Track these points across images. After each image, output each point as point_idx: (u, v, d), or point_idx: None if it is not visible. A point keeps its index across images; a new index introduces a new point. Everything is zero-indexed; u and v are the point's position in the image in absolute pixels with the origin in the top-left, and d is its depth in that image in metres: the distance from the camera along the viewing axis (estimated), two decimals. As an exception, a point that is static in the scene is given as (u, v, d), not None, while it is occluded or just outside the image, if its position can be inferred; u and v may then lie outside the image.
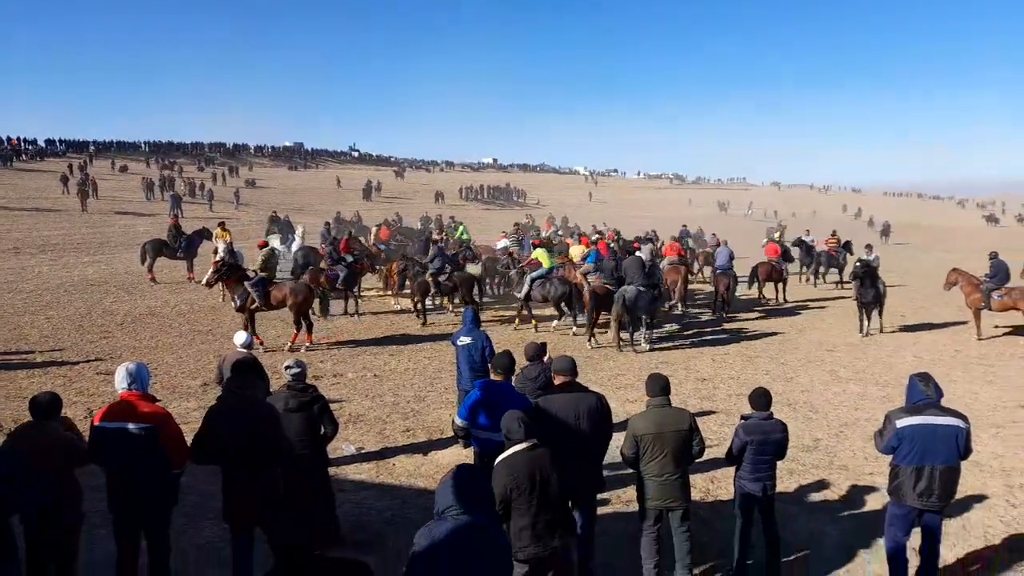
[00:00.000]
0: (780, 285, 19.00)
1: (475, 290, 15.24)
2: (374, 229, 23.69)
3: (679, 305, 16.91)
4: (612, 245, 17.92)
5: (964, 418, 4.84)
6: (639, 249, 14.33)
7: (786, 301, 18.77)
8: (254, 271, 13.04)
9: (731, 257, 17.21)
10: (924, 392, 4.82)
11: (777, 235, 23.14)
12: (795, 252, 21.61)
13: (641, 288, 12.75)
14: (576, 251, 17.08)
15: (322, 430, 5.57)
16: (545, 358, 6.37)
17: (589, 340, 13.45)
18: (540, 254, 15.26)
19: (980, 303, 13.90)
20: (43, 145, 51.05)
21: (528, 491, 4.03)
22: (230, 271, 12.65)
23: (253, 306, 12.49)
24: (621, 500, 6.72)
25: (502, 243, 20.51)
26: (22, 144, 49.06)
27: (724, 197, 68.73)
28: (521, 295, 14.90)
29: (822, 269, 22.46)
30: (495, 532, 3.19)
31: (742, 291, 18.98)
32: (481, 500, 3.19)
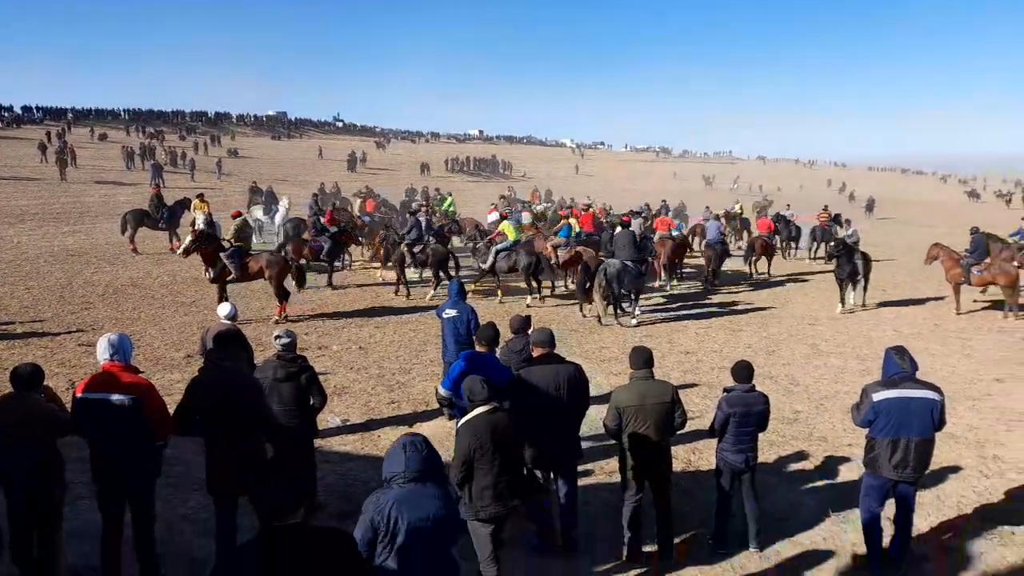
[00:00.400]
0: (769, 259, 19.30)
1: (450, 263, 15.17)
2: (357, 202, 23.52)
3: (669, 279, 17.03)
4: (603, 220, 17.98)
5: (939, 391, 4.93)
6: (629, 223, 14.38)
7: (770, 275, 18.96)
8: (228, 241, 12.94)
9: (720, 231, 17.60)
10: (900, 365, 4.89)
11: (738, 207, 23.23)
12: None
13: (628, 263, 12.77)
14: (575, 224, 16.97)
15: (311, 400, 5.59)
16: (529, 331, 6.39)
17: (580, 309, 13.56)
18: (505, 226, 15.33)
19: (960, 278, 14.09)
20: (20, 112, 49.95)
21: (491, 452, 4.16)
22: (207, 241, 12.54)
23: (229, 277, 12.43)
24: (604, 471, 6.81)
25: (492, 216, 20.41)
26: (-2, 111, 48.00)
27: (710, 171, 68.77)
28: (486, 266, 14.97)
29: (815, 244, 22.61)
30: (440, 498, 3.28)
31: (734, 265, 19.17)
32: (427, 468, 3.27)
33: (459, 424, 4.32)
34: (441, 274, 14.97)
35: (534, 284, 14.85)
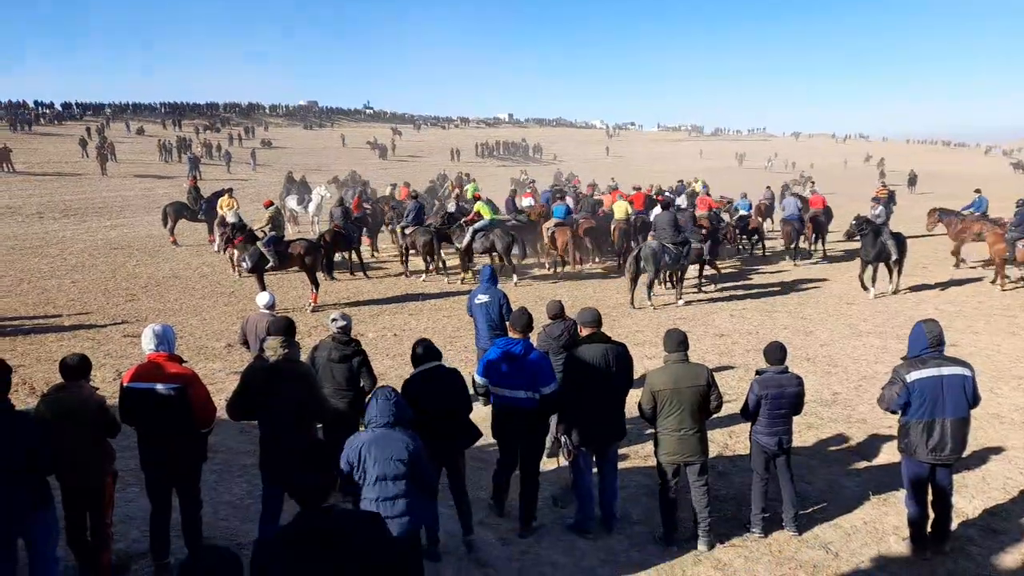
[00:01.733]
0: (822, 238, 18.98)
1: (434, 247, 15.24)
2: (389, 189, 23.58)
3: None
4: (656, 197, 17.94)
5: (969, 366, 4.82)
6: (664, 203, 14.47)
7: (826, 253, 18.63)
8: (262, 230, 13.14)
9: (798, 207, 17.81)
10: (928, 340, 4.77)
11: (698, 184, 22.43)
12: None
13: (667, 244, 12.69)
14: (620, 207, 16.67)
15: (361, 383, 5.72)
16: (565, 316, 6.41)
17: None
18: (480, 207, 15.45)
19: (1005, 253, 13.66)
20: (60, 109, 51.20)
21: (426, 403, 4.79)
22: (237, 231, 12.78)
23: (267, 266, 12.64)
24: (639, 455, 6.82)
25: (527, 200, 20.40)
26: (40, 108, 49.26)
27: (743, 149, 67.49)
28: (462, 246, 15.09)
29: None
30: (403, 441, 3.94)
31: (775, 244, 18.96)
32: (396, 416, 3.98)
33: (408, 378, 5.03)
34: (429, 258, 15.32)
35: (509, 264, 14.98)
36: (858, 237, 13.70)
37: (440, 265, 15.92)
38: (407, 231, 15.37)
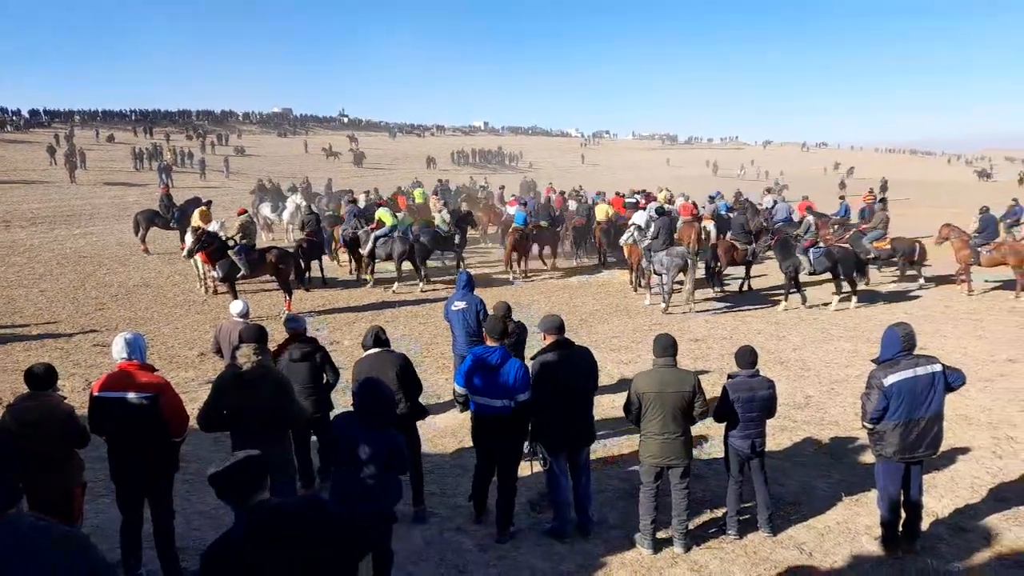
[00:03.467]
0: None
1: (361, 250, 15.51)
2: (363, 196, 23.38)
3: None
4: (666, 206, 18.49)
5: (936, 360, 4.93)
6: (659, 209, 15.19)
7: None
8: (233, 239, 12.99)
9: (790, 212, 18.54)
10: (902, 343, 4.85)
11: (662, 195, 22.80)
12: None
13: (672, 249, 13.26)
14: (601, 210, 18.55)
15: (324, 378, 6.03)
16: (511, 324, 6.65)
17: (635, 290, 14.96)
18: (382, 213, 15.56)
19: (970, 259, 13.99)
20: (27, 116, 50.23)
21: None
22: (208, 240, 12.62)
23: (239, 275, 12.52)
24: (617, 458, 6.86)
25: (512, 209, 20.40)
26: (6, 115, 48.28)
27: (715, 157, 68.31)
28: (366, 252, 15.36)
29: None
30: (381, 423, 4.20)
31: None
32: (376, 403, 4.19)
33: (357, 360, 5.57)
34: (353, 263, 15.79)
35: (416, 269, 15.21)
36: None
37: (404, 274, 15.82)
38: (379, 241, 15.21)
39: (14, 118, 48.60)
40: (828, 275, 13.49)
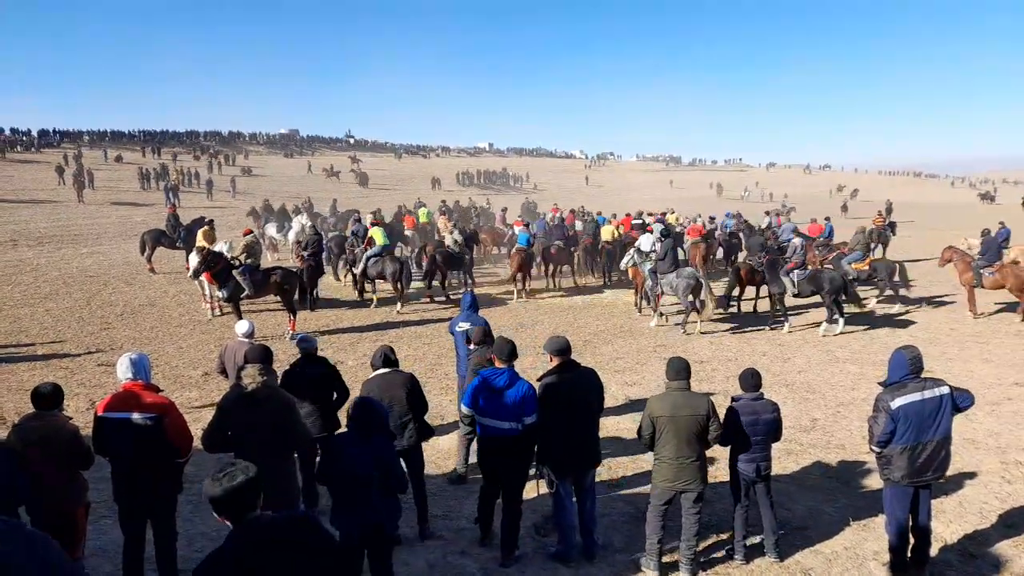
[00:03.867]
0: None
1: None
2: (369, 217, 23.50)
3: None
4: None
5: (944, 383, 4.90)
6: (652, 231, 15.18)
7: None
8: (238, 259, 13.04)
9: (794, 230, 18.09)
10: (909, 366, 4.83)
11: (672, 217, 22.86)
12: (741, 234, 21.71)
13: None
14: (607, 230, 19.26)
15: (334, 396, 6.16)
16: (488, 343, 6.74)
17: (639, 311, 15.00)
18: (375, 232, 15.73)
19: (973, 281, 13.98)
20: (37, 136, 50.74)
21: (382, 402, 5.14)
22: (215, 260, 12.69)
23: (243, 295, 12.56)
24: (624, 481, 6.81)
25: (518, 229, 20.53)
26: (16, 135, 48.80)
27: (719, 179, 68.55)
28: (358, 271, 15.65)
29: (872, 245, 22.92)
30: (379, 441, 4.30)
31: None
32: (372, 422, 4.28)
33: (365, 381, 5.66)
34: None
35: (399, 291, 15.23)
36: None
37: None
38: (371, 261, 15.38)
39: (24, 138, 49.10)
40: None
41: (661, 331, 13.33)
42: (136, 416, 4.41)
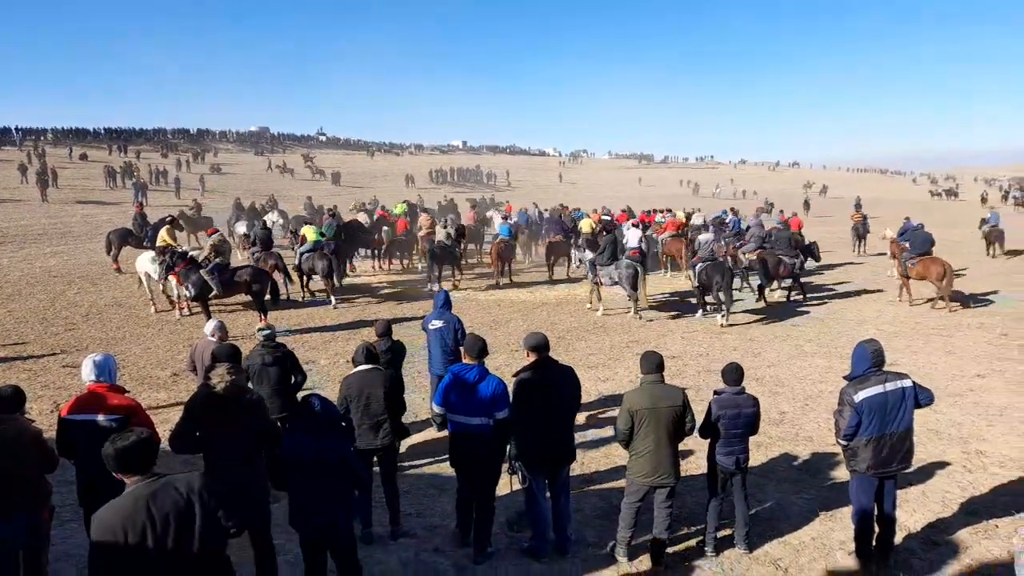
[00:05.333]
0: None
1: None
2: (362, 215, 23.35)
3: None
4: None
5: (907, 376, 5.02)
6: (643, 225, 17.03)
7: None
8: (206, 258, 12.89)
9: (762, 226, 19.04)
10: (872, 359, 4.93)
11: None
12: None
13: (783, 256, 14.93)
14: (586, 224, 19.85)
15: (293, 379, 6.59)
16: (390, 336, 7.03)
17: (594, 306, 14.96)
18: (307, 230, 16.50)
19: (903, 272, 15.04)
20: (-2, 133, 49.51)
21: (356, 400, 5.47)
22: (178, 259, 12.57)
23: (211, 294, 12.42)
24: (596, 476, 6.86)
25: (498, 222, 21.23)
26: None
27: (690, 176, 69.26)
28: (293, 268, 15.97)
29: (857, 241, 24.82)
30: (328, 443, 4.29)
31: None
32: (317, 423, 4.28)
33: (343, 377, 5.70)
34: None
35: (330, 285, 15.36)
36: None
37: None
38: (304, 257, 15.60)
39: (-16, 136, 47.85)
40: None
41: (634, 326, 13.43)
42: (101, 418, 4.35)
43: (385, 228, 20.56)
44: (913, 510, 6.02)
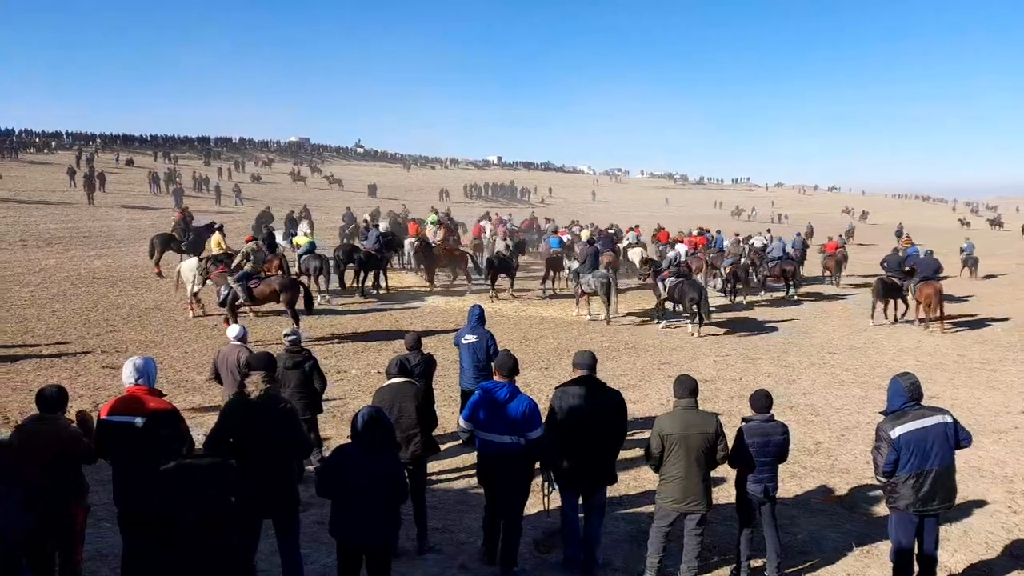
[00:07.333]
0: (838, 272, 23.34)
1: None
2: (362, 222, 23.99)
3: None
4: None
5: (947, 412, 4.87)
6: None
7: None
8: (237, 265, 13.11)
9: (783, 249, 20.78)
10: (907, 393, 4.80)
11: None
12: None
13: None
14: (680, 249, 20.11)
15: (315, 383, 6.82)
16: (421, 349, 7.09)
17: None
18: (298, 239, 18.42)
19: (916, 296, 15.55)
20: (49, 137, 51.21)
21: (388, 412, 5.14)
22: (214, 264, 12.87)
23: (237, 302, 12.59)
24: (624, 502, 6.77)
25: (566, 237, 23.11)
26: (30, 136, 49.26)
27: (726, 198, 68.70)
28: (296, 270, 17.07)
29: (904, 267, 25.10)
30: (384, 457, 4.31)
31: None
32: (374, 434, 4.29)
33: (376, 389, 5.72)
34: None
35: (320, 288, 16.82)
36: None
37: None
38: (302, 259, 17.01)
39: (37, 140, 49.57)
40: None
41: (665, 348, 13.29)
42: (139, 420, 4.40)
43: (411, 239, 20.84)
44: (954, 550, 5.81)
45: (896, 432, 4.73)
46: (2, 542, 3.51)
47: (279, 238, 22.75)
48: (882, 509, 5.83)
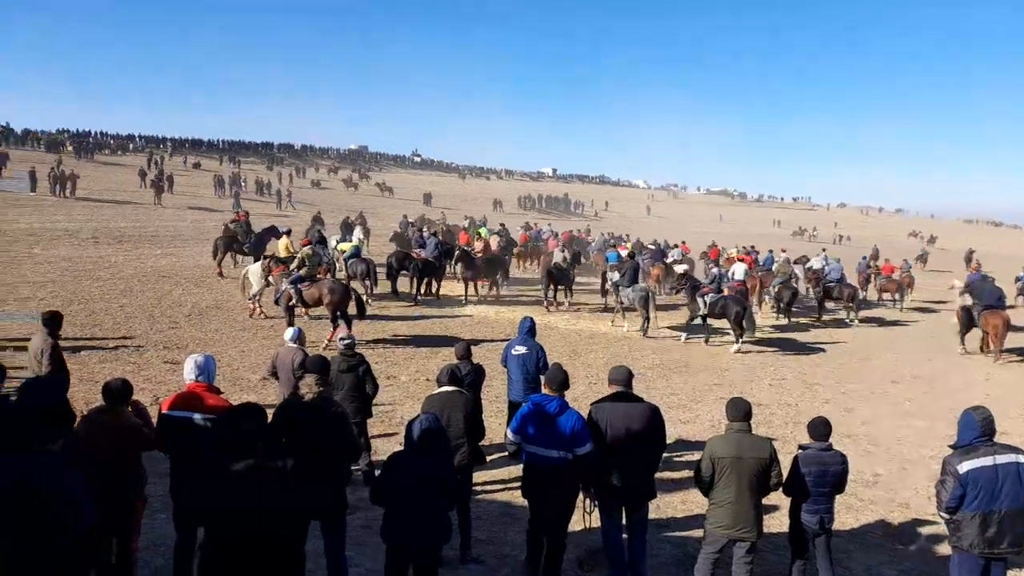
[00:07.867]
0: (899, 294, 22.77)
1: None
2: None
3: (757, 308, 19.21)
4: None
5: (1021, 450, 4.62)
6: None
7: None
8: (293, 268, 13.54)
9: (842, 271, 20.08)
10: (979, 428, 4.57)
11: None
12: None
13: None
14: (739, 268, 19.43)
15: (366, 388, 6.89)
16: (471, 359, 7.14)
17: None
18: (343, 246, 19.05)
19: (984, 325, 14.97)
20: (124, 140, 53.59)
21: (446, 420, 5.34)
22: (278, 262, 13.43)
23: (291, 303, 12.94)
24: (671, 525, 6.63)
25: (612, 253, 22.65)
26: (105, 138, 51.65)
27: (785, 216, 67.21)
28: (344, 275, 17.62)
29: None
30: (438, 460, 4.36)
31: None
32: (431, 441, 4.32)
33: (426, 397, 5.78)
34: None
35: (368, 290, 17.09)
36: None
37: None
38: (349, 263, 17.61)
39: (111, 141, 51.92)
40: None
41: (719, 368, 13.01)
42: (198, 417, 4.53)
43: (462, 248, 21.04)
44: (1023, 597, 5.50)
45: (964, 467, 4.51)
46: (78, 528, 3.64)
47: (333, 243, 23.30)
48: (944, 548, 5.55)
